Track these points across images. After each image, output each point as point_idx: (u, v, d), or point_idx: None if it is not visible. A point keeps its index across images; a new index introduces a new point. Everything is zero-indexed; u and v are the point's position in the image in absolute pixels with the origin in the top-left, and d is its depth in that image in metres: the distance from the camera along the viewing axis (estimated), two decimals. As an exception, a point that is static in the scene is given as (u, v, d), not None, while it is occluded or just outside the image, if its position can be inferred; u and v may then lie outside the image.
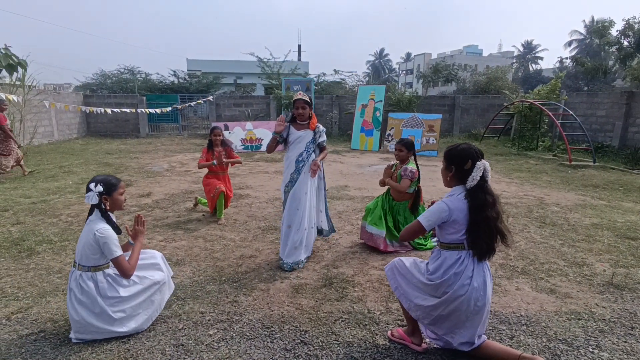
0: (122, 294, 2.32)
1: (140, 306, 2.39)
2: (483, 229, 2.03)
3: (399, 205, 3.90)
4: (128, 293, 2.35)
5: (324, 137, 3.57)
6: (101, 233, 2.25)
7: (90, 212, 2.36)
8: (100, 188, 2.31)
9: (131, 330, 2.36)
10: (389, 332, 2.45)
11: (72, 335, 2.34)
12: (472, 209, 2.03)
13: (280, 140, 3.53)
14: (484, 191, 2.06)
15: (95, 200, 2.30)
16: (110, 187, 2.35)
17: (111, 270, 2.37)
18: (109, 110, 11.43)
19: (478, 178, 2.04)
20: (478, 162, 2.06)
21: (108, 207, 2.38)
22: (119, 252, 2.29)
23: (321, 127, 3.57)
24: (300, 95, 3.49)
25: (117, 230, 2.37)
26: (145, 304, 2.41)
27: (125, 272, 2.33)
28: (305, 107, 3.46)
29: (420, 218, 2.13)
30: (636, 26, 11.89)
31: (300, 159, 3.45)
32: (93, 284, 2.29)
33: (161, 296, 2.53)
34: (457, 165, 2.12)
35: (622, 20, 12.45)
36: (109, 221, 2.35)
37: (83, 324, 2.27)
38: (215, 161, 4.70)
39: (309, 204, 3.46)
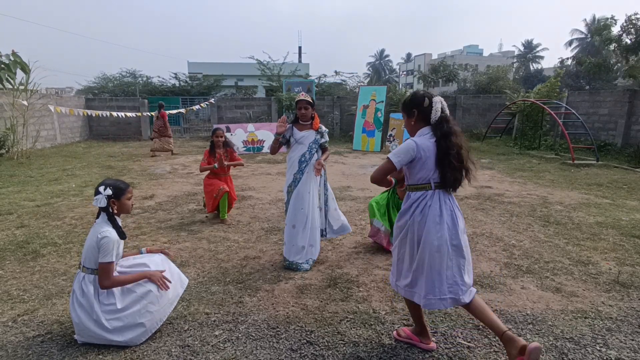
0: (117, 303, 2.28)
1: (136, 316, 2.30)
2: (453, 156, 2.09)
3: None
4: (122, 304, 2.29)
5: (326, 138, 3.59)
6: (104, 235, 2.26)
7: (98, 215, 2.37)
8: (109, 192, 2.32)
9: (127, 340, 2.29)
10: (395, 332, 2.44)
11: (76, 336, 2.34)
12: (440, 138, 2.11)
13: (282, 141, 3.54)
14: (448, 121, 2.16)
15: (103, 203, 2.31)
16: (118, 191, 2.36)
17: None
18: (120, 114, 11.51)
19: (439, 110, 2.14)
20: (434, 99, 2.16)
21: (116, 211, 2.38)
22: (110, 258, 2.25)
23: (324, 128, 3.58)
24: (303, 95, 3.50)
25: (122, 235, 2.37)
26: (141, 314, 2.31)
27: (102, 280, 2.24)
28: (307, 107, 3.47)
29: (389, 155, 2.16)
30: (639, 23, 11.82)
31: (303, 159, 3.45)
32: (93, 288, 2.28)
33: (158, 307, 2.40)
34: (417, 107, 2.20)
35: (625, 15, 12.34)
36: (115, 225, 2.34)
37: (82, 327, 2.26)
38: (216, 164, 4.70)
39: (312, 204, 3.47)
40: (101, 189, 2.32)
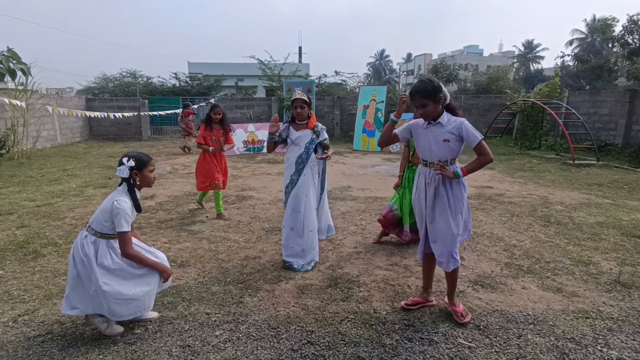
0: (114, 268, 2.29)
1: (129, 288, 2.29)
2: None
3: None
4: (120, 268, 2.30)
5: (324, 136, 3.49)
6: (118, 204, 2.27)
7: (121, 184, 2.40)
8: (132, 163, 2.35)
9: (108, 309, 2.27)
10: (403, 302, 2.75)
11: (64, 304, 2.32)
12: (456, 114, 2.53)
13: (278, 140, 3.49)
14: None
15: (126, 173, 2.34)
16: (141, 163, 2.39)
17: (116, 244, 2.34)
18: (117, 115, 11.51)
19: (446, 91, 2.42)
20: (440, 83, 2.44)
21: (138, 182, 2.41)
22: (126, 227, 2.28)
23: (320, 126, 3.50)
24: (299, 94, 3.44)
25: (138, 208, 2.39)
26: (135, 289, 2.31)
27: (124, 249, 2.29)
28: (303, 106, 3.41)
29: (481, 136, 2.43)
30: None
31: (299, 160, 3.40)
32: (93, 249, 2.29)
33: (147, 294, 2.38)
34: (442, 92, 2.40)
35: (626, 15, 12.32)
36: (133, 197, 2.37)
37: (77, 281, 2.27)
38: (211, 148, 4.77)
39: (309, 206, 3.41)
40: (124, 160, 2.36)
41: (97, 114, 11.17)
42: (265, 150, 11.38)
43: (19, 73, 9.85)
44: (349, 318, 2.62)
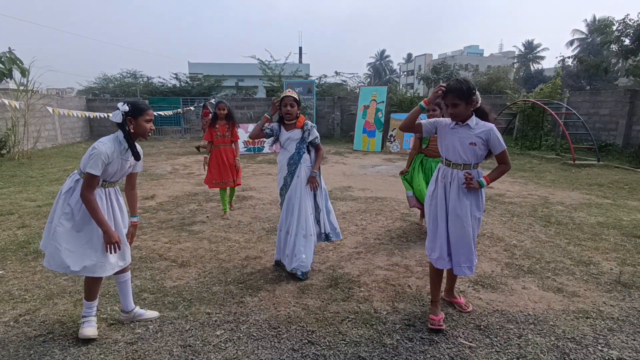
0: (78, 215, 2.21)
1: (69, 244, 2.20)
2: None
3: (432, 162, 4.11)
4: (83, 220, 2.21)
5: (315, 134, 3.32)
6: (97, 145, 2.17)
7: None
8: (126, 108, 2.24)
9: (48, 251, 2.22)
10: (432, 326, 2.48)
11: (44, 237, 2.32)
12: (487, 118, 2.48)
13: (269, 133, 3.37)
14: None
15: (119, 119, 2.24)
16: (137, 111, 2.28)
17: (97, 192, 2.26)
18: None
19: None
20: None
21: (132, 131, 2.30)
22: (96, 171, 2.14)
23: (310, 124, 3.34)
24: (289, 92, 3.30)
25: (137, 156, 2.32)
26: (71, 246, 2.21)
27: (83, 190, 2.15)
28: (294, 104, 3.27)
29: (504, 146, 2.42)
30: (635, 23, 11.91)
31: (291, 161, 3.31)
32: (70, 185, 2.24)
33: (83, 253, 2.23)
34: (476, 94, 2.37)
35: (618, 20, 12.37)
36: (130, 145, 2.27)
37: (51, 218, 2.27)
38: (205, 162, 4.93)
39: (305, 209, 3.30)
40: (119, 104, 2.26)
41: (98, 114, 11.17)
42: (265, 150, 11.39)
43: (18, 74, 9.88)
44: (349, 318, 2.63)
